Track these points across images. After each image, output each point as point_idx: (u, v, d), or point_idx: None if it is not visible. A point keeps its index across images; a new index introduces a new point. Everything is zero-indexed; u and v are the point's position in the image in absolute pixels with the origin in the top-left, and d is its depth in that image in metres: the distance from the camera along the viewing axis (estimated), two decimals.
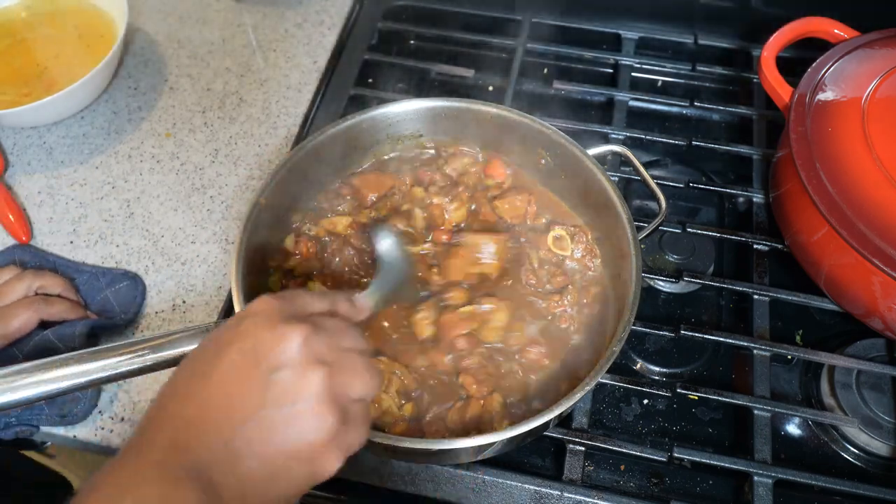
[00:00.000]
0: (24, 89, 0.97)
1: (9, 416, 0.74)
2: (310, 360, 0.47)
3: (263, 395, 0.46)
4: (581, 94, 1.06)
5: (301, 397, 0.46)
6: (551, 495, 0.70)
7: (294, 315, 0.49)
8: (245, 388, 0.46)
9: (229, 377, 0.46)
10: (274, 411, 0.46)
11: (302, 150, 0.76)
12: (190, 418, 0.45)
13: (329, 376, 0.47)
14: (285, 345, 0.47)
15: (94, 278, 0.84)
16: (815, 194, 0.71)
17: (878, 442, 0.74)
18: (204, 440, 0.44)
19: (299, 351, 0.47)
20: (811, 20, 0.85)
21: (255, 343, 0.47)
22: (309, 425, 0.46)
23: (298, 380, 0.46)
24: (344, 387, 0.48)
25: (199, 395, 0.46)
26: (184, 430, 0.45)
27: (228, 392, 0.46)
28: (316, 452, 0.47)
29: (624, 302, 0.67)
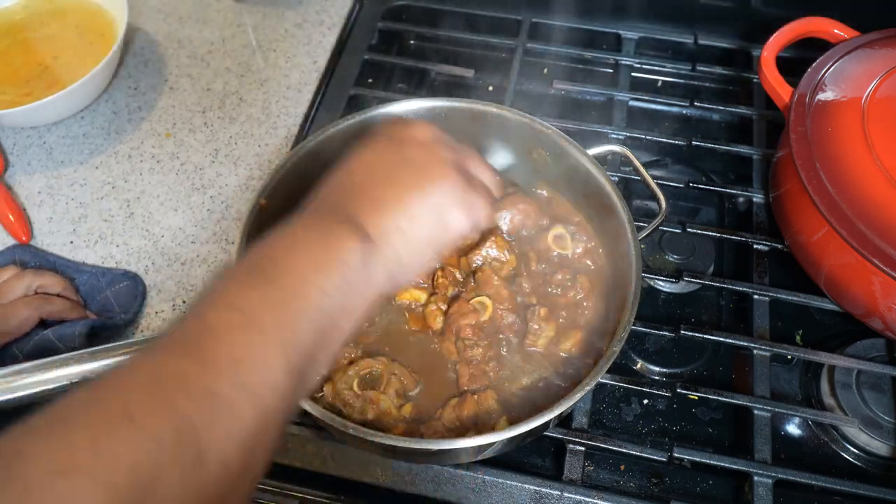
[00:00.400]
0: (24, 89, 0.97)
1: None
2: (434, 140, 0.57)
3: (399, 162, 0.55)
4: (581, 94, 1.06)
5: (430, 161, 0.55)
6: (551, 495, 0.70)
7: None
8: (383, 159, 0.56)
9: (370, 157, 0.57)
10: (408, 171, 0.54)
11: (302, 150, 0.76)
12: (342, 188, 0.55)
13: (454, 153, 0.57)
14: (412, 129, 0.58)
15: (94, 278, 0.84)
16: (815, 194, 0.71)
17: (878, 442, 0.74)
18: (355, 198, 0.53)
19: (425, 133, 0.57)
20: (811, 20, 0.85)
21: (386, 131, 0.59)
22: (437, 179, 0.54)
23: (427, 149, 0.56)
24: (468, 164, 0.58)
25: (346, 175, 0.56)
26: (339, 196, 0.54)
27: (371, 165, 0.56)
28: (445, 203, 0.54)
29: (624, 302, 0.67)
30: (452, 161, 0.56)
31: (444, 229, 0.54)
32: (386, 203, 0.53)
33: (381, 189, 0.54)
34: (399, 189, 0.54)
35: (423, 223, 0.53)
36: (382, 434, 0.59)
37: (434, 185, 0.54)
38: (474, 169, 0.59)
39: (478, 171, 0.59)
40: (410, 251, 0.53)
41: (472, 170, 0.58)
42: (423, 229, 0.53)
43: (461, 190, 0.55)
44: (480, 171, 0.60)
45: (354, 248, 0.49)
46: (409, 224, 0.52)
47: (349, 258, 0.48)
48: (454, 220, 0.55)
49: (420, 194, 0.54)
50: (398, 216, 0.52)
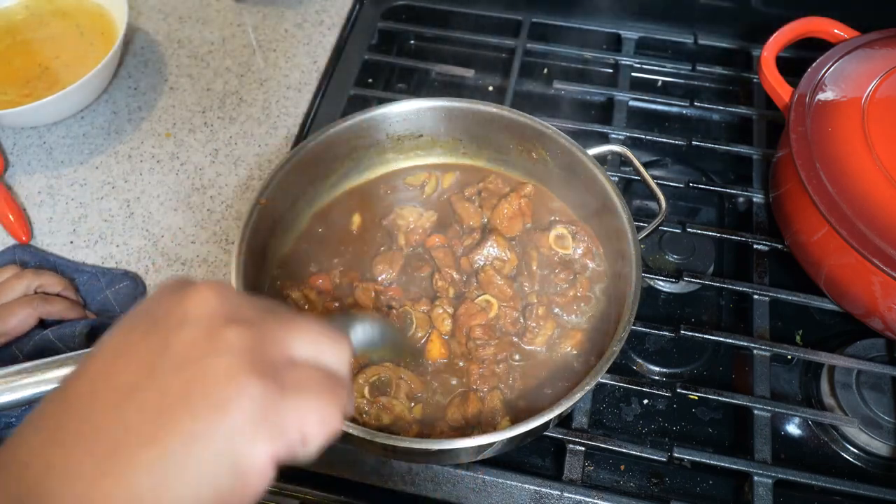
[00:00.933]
0: (24, 89, 0.97)
1: (9, 416, 0.74)
2: (220, 316, 0.35)
3: (153, 364, 0.34)
4: (581, 94, 1.06)
5: (205, 361, 0.34)
6: (551, 495, 0.70)
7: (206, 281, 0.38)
8: (129, 359, 0.34)
9: (111, 351, 0.35)
10: (167, 382, 0.33)
11: (302, 150, 0.76)
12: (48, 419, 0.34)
13: (247, 331, 0.35)
14: (187, 303, 0.36)
15: (94, 278, 0.84)
16: (815, 194, 0.71)
17: (878, 442, 0.74)
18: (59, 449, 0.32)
19: (205, 307, 0.35)
20: (811, 20, 0.85)
21: (149, 309, 0.36)
22: (217, 395, 0.33)
23: (202, 340, 0.34)
24: (276, 343, 0.36)
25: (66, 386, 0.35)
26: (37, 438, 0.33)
27: (106, 370, 0.34)
28: (235, 435, 0.33)
29: (624, 302, 0.67)
30: (244, 350, 0.34)
31: (233, 477, 0.33)
32: (120, 445, 0.32)
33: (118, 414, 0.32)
34: (149, 413, 0.32)
35: (194, 473, 0.32)
36: (382, 434, 0.59)
37: (214, 403, 0.33)
38: (291, 346, 0.37)
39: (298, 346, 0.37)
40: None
41: (288, 349, 0.37)
42: (194, 485, 0.32)
43: (270, 401, 0.34)
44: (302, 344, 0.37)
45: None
46: (166, 478, 0.31)
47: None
48: (254, 455, 0.33)
49: (187, 421, 0.32)
50: (142, 469, 0.31)
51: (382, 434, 0.59)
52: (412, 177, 0.85)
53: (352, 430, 0.58)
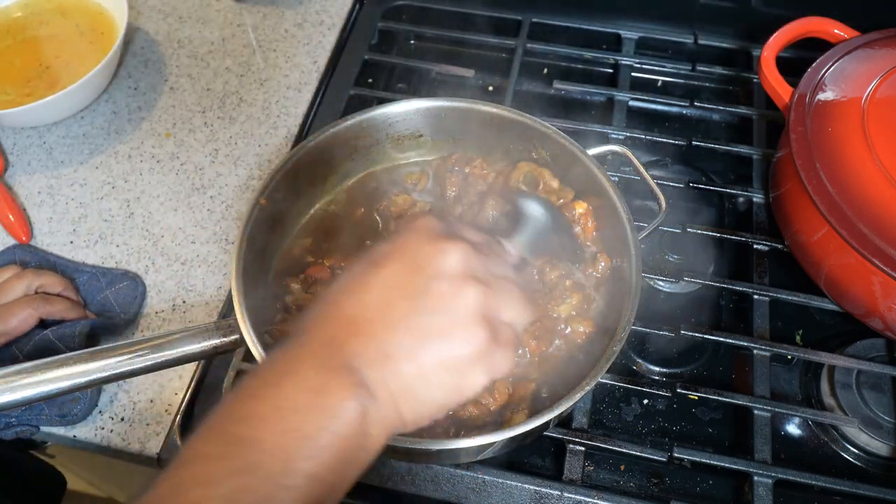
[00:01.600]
0: (24, 89, 0.97)
1: (9, 416, 0.74)
2: (467, 275, 0.48)
3: (419, 301, 0.47)
4: (581, 94, 1.06)
5: (455, 309, 0.47)
6: (551, 495, 0.70)
7: (452, 233, 0.51)
8: (402, 293, 0.48)
9: (388, 282, 0.48)
10: (428, 318, 0.47)
11: (302, 150, 0.76)
12: (348, 317, 0.47)
13: (484, 294, 0.48)
14: (445, 257, 0.49)
15: (94, 278, 0.84)
16: (815, 194, 0.71)
17: (878, 442, 0.74)
18: (360, 339, 0.46)
19: (458, 265, 0.48)
20: (811, 20, 0.85)
21: (415, 253, 0.49)
22: (460, 336, 0.47)
23: (455, 292, 0.48)
24: (497, 307, 0.49)
25: (358, 297, 0.48)
26: (342, 328, 0.47)
27: (386, 295, 0.48)
28: (464, 364, 0.47)
29: (624, 302, 0.67)
30: (479, 307, 0.48)
31: (459, 392, 0.48)
32: (397, 356, 0.46)
33: (395, 334, 0.47)
34: (415, 340, 0.47)
35: (438, 385, 0.47)
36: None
37: (457, 345, 0.47)
38: (504, 310, 0.51)
39: (507, 311, 0.51)
40: (417, 414, 0.48)
41: (501, 312, 0.51)
42: (436, 392, 0.48)
43: (487, 347, 0.48)
44: (510, 310, 0.52)
45: (352, 412, 0.43)
46: (421, 385, 0.47)
47: (345, 428, 0.43)
48: (473, 383, 0.49)
49: (439, 353, 0.47)
50: (409, 374, 0.46)
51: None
52: (409, 173, 0.85)
53: None
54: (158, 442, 0.75)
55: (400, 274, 0.49)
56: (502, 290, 0.51)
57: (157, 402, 0.77)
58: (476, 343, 0.47)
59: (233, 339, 0.64)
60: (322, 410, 0.43)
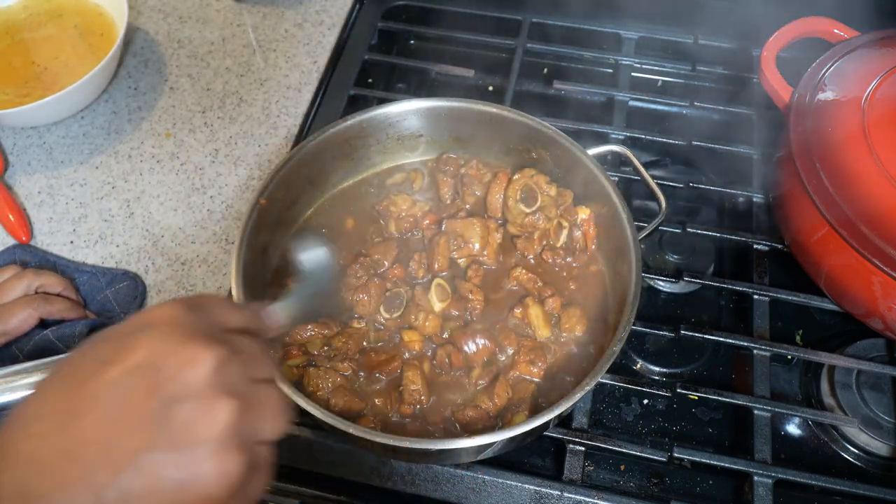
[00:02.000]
0: (23, 89, 0.97)
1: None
2: (221, 390, 0.38)
3: (155, 432, 0.36)
4: (581, 94, 1.06)
5: (203, 438, 0.37)
6: (551, 495, 0.70)
7: (206, 330, 0.40)
8: (132, 421, 0.36)
9: (112, 404, 0.37)
10: (165, 455, 0.36)
11: (302, 150, 0.76)
12: (50, 458, 0.35)
13: (240, 413, 0.39)
14: (194, 369, 0.38)
15: (94, 278, 0.84)
16: (815, 194, 0.71)
17: (878, 442, 0.74)
18: (68, 489, 0.35)
19: (209, 378, 0.38)
20: (811, 20, 0.85)
21: (155, 361, 0.38)
22: (208, 475, 0.37)
23: (202, 415, 0.37)
24: (254, 427, 0.40)
25: (69, 425, 0.36)
26: (39, 474, 0.35)
27: (109, 425, 0.36)
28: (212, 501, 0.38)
29: (624, 302, 0.67)
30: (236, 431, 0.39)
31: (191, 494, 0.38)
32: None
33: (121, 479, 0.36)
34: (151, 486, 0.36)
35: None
36: (382, 434, 0.59)
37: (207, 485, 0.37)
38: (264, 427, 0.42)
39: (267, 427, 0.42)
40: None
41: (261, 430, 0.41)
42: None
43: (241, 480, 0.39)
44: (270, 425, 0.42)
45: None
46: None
47: None
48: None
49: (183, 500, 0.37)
50: None
51: (382, 434, 0.59)
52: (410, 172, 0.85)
53: (352, 429, 0.58)
54: None
55: (132, 391, 0.37)
56: (263, 403, 0.41)
57: None
58: (228, 481, 0.38)
59: None
60: None
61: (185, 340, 0.39)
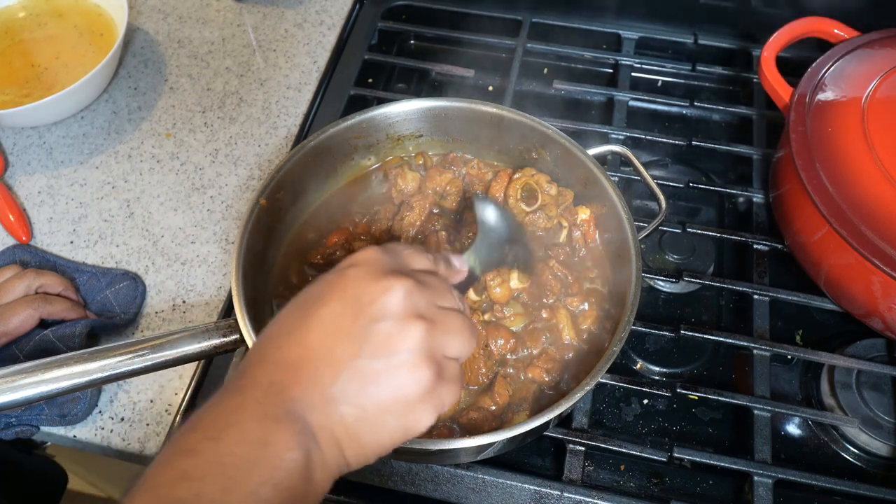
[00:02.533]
0: (24, 89, 0.97)
1: (9, 416, 0.74)
2: (410, 313, 0.47)
3: (362, 344, 0.46)
4: (581, 94, 1.06)
5: (399, 350, 0.46)
6: (551, 495, 0.70)
7: (397, 269, 0.49)
8: (344, 335, 0.46)
9: (330, 324, 0.47)
10: (371, 362, 0.46)
11: (302, 150, 0.76)
12: (290, 361, 0.46)
13: (428, 331, 0.47)
14: (387, 297, 0.47)
15: (94, 278, 0.84)
16: (815, 194, 0.71)
17: (878, 442, 0.74)
18: (302, 384, 0.45)
19: (401, 304, 0.47)
20: (811, 20, 0.85)
21: (357, 292, 0.47)
22: (405, 379, 0.46)
23: (398, 332, 0.46)
24: (441, 343, 0.48)
25: (299, 339, 0.47)
26: (283, 372, 0.45)
27: (328, 338, 0.46)
28: (410, 406, 0.46)
29: (624, 302, 0.67)
30: (423, 346, 0.47)
31: (405, 432, 0.47)
32: (340, 400, 0.45)
33: (338, 379, 0.45)
34: (358, 384, 0.45)
35: (382, 428, 0.46)
36: None
37: (401, 388, 0.46)
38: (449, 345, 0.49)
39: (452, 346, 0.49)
40: (362, 456, 0.47)
41: (446, 347, 0.49)
42: (381, 434, 0.47)
43: (432, 387, 0.47)
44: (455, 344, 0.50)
45: (295, 462, 0.42)
46: (365, 429, 0.46)
47: (289, 478, 0.42)
48: (419, 422, 0.47)
49: (383, 397, 0.46)
50: (353, 419, 0.45)
51: None
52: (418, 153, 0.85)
53: None
54: (158, 442, 0.75)
55: (342, 314, 0.47)
56: (448, 325, 0.49)
57: (157, 402, 0.77)
58: (421, 384, 0.46)
59: (233, 339, 0.64)
60: (264, 463, 0.42)
61: (379, 275, 0.48)
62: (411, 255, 0.53)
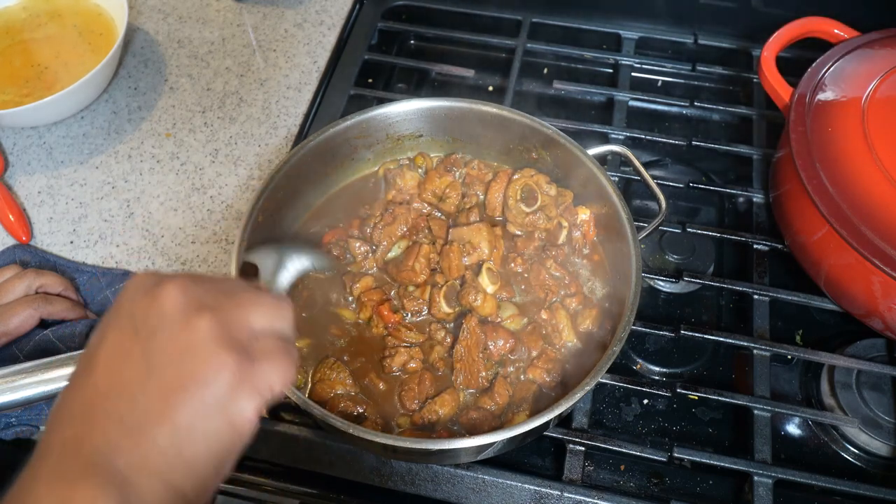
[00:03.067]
0: (24, 89, 0.97)
1: (9, 416, 0.74)
2: (189, 307, 0.43)
3: (149, 359, 0.42)
4: (581, 94, 1.06)
5: (187, 348, 0.42)
6: (551, 495, 0.70)
7: (163, 277, 0.45)
8: (128, 359, 0.42)
9: (112, 355, 0.43)
10: (164, 371, 0.42)
11: (302, 150, 0.76)
12: (80, 410, 0.42)
13: (214, 316, 0.43)
14: (160, 302, 0.43)
15: (94, 278, 0.84)
16: (815, 194, 0.71)
17: (878, 442, 0.74)
18: (99, 427, 0.41)
19: (176, 303, 0.43)
20: (811, 20, 0.85)
21: (131, 312, 0.44)
22: (204, 374, 0.42)
23: (181, 331, 0.42)
24: (239, 322, 0.44)
25: (85, 383, 0.43)
26: (76, 425, 0.41)
27: (114, 370, 0.42)
28: (224, 400, 0.42)
29: (624, 302, 0.67)
30: (216, 333, 0.43)
31: (232, 431, 0.42)
32: (145, 426, 0.41)
33: (134, 406, 0.41)
34: (157, 401, 0.41)
35: (203, 436, 0.41)
36: (382, 434, 0.59)
37: (203, 385, 0.42)
38: (250, 320, 0.45)
39: (255, 319, 0.45)
40: (195, 477, 0.42)
41: (248, 323, 0.45)
42: (205, 444, 0.42)
43: (241, 370, 0.42)
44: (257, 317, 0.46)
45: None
46: (185, 444, 0.41)
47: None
48: (242, 413, 0.42)
49: (189, 403, 0.41)
50: (166, 440, 0.41)
51: (382, 434, 0.59)
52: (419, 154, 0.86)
53: (352, 429, 0.58)
54: None
55: (121, 340, 0.43)
56: (239, 302, 0.45)
57: None
58: (225, 372, 0.42)
59: None
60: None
61: (148, 289, 0.44)
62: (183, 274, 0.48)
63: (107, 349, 0.43)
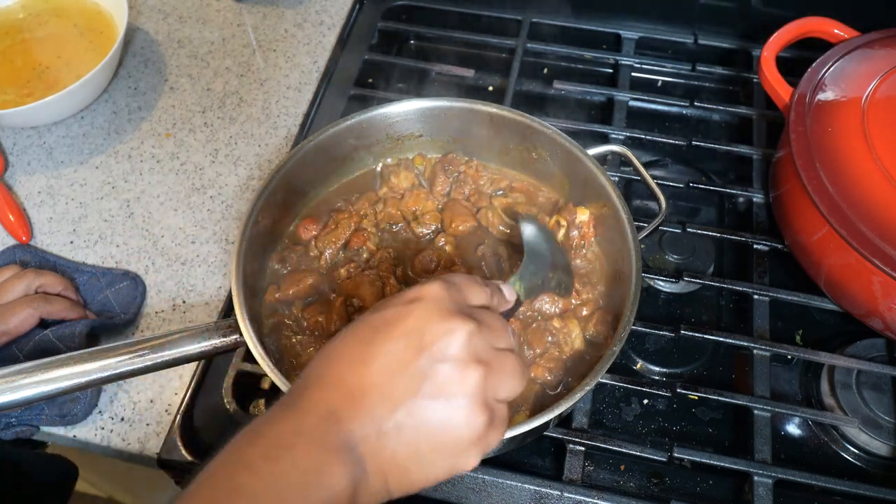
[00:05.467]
0: (24, 89, 0.97)
1: (9, 416, 0.74)
2: (471, 357, 0.48)
3: (421, 384, 0.46)
4: (581, 94, 1.06)
5: (457, 394, 0.47)
6: (551, 495, 0.70)
7: (459, 307, 0.50)
8: (404, 372, 0.47)
9: (392, 358, 0.47)
10: (429, 402, 0.46)
11: (302, 150, 0.76)
12: (349, 391, 0.47)
13: (485, 377, 0.48)
14: (450, 338, 0.47)
15: (94, 278, 0.84)
16: (815, 194, 0.71)
17: (878, 442, 0.74)
18: (360, 417, 0.46)
19: (463, 347, 0.47)
20: (811, 20, 0.85)
21: (421, 330, 0.48)
22: (460, 423, 0.47)
23: (457, 376, 0.47)
24: (495, 388, 0.49)
25: (360, 370, 0.47)
26: (342, 402, 0.46)
27: (388, 373, 0.47)
28: (460, 449, 0.47)
29: (624, 302, 0.67)
30: (479, 391, 0.48)
31: (451, 472, 0.49)
32: (394, 437, 0.46)
33: (393, 415, 0.46)
34: (413, 424, 0.46)
35: (430, 466, 0.48)
36: None
37: (455, 433, 0.47)
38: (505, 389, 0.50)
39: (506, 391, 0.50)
40: (405, 489, 0.48)
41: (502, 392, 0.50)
42: (428, 472, 0.48)
43: (484, 432, 0.48)
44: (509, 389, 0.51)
45: (344, 490, 0.44)
46: (414, 466, 0.47)
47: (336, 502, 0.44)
48: (466, 464, 0.49)
49: (436, 439, 0.47)
50: (403, 457, 0.46)
51: None
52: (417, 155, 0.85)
53: None
54: (158, 442, 0.75)
55: (404, 351, 0.47)
56: (503, 368, 0.50)
57: (157, 402, 0.77)
58: (474, 430, 0.47)
59: (233, 339, 0.64)
60: (316, 489, 0.43)
61: (445, 314, 0.48)
62: (471, 288, 0.53)
63: (390, 351, 0.47)
